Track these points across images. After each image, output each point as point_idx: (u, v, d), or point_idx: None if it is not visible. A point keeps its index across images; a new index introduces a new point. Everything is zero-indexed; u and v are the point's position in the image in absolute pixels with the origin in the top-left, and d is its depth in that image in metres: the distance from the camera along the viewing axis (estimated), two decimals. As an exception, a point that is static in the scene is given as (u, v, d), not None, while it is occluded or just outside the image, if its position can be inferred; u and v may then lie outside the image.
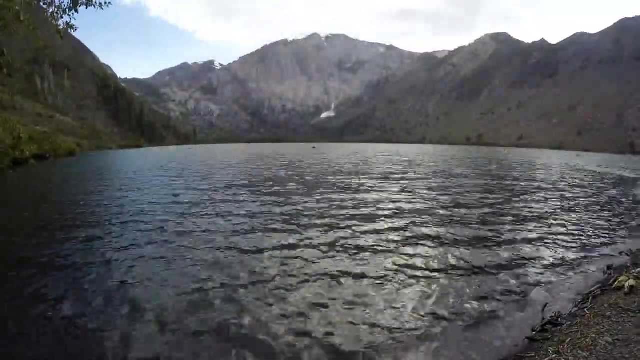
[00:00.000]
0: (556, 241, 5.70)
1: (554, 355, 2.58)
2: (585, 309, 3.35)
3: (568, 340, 2.76)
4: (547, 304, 3.52)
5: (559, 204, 9.23)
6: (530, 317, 3.32)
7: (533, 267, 4.55)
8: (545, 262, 4.73)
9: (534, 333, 3.03)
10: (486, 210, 8.13)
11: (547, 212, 8.07)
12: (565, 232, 6.32)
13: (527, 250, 5.24)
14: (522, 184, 13.53)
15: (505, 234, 6.09)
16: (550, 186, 13.11)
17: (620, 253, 5.22)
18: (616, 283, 3.81)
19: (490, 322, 3.22)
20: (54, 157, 26.14)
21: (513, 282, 4.07)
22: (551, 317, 3.25)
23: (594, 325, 2.96)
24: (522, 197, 10.22)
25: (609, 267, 4.58)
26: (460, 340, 2.94)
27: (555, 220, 7.26)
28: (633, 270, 4.19)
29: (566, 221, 7.17)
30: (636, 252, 5.22)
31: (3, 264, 4.42)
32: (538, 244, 5.52)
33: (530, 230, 6.35)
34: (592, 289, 3.88)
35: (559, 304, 3.57)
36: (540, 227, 6.62)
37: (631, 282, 3.69)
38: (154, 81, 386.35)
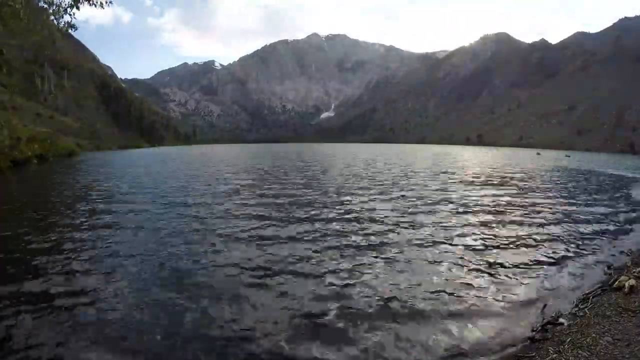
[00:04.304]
0: (556, 241, 5.70)
1: (555, 355, 2.57)
2: (586, 309, 3.35)
3: (568, 340, 2.75)
4: (546, 304, 3.51)
5: (558, 203, 9.23)
6: (531, 317, 3.31)
7: (533, 267, 4.55)
8: (545, 262, 4.72)
9: (534, 333, 3.02)
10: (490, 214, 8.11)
11: (545, 212, 8.07)
12: (565, 232, 6.31)
13: (527, 250, 5.23)
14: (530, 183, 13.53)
15: (505, 234, 6.10)
16: (549, 186, 13.10)
17: (621, 253, 5.22)
18: (616, 283, 3.81)
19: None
20: (54, 158, 26.10)
21: (513, 281, 4.07)
22: (551, 317, 3.24)
23: (594, 325, 2.96)
24: (520, 197, 10.23)
25: (609, 267, 4.57)
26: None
27: (554, 220, 7.26)
28: (633, 270, 4.19)
29: (565, 221, 7.16)
30: (636, 252, 5.22)
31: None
32: (538, 244, 5.51)
33: (529, 231, 6.35)
34: (592, 288, 3.88)
35: (559, 303, 3.56)
36: (540, 227, 6.62)
37: (631, 282, 3.70)
38: (154, 81, 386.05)
